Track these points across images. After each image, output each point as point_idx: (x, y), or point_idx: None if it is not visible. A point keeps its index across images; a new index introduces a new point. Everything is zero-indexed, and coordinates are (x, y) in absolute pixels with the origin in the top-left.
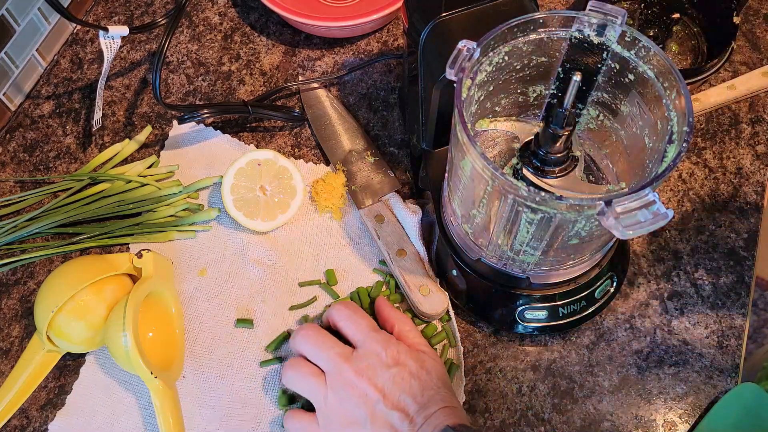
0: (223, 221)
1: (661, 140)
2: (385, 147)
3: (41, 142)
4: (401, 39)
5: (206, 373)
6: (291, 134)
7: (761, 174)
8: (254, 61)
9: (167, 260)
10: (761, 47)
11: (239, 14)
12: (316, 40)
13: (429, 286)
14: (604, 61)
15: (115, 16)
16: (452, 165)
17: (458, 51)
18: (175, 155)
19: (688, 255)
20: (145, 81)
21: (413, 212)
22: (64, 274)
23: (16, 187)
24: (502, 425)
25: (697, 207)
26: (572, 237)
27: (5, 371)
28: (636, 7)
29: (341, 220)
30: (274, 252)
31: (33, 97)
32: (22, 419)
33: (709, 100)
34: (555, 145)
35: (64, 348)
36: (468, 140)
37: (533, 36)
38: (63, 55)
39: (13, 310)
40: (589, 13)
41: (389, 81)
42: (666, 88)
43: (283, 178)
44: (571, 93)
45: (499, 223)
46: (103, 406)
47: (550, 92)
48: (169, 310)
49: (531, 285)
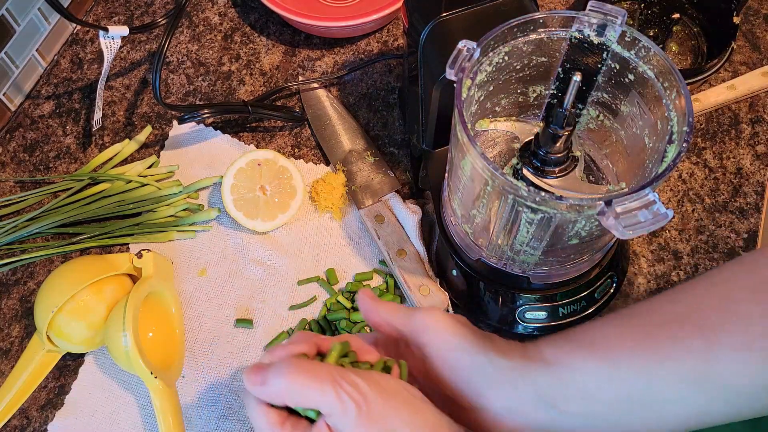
0: (223, 221)
1: (661, 140)
2: (385, 147)
3: (41, 142)
4: (401, 39)
5: (206, 373)
6: (291, 134)
7: (761, 174)
8: (254, 61)
9: (167, 260)
10: (761, 47)
11: (239, 14)
12: (316, 40)
13: (429, 286)
14: (604, 61)
15: (115, 16)
16: (452, 165)
17: (458, 51)
18: (175, 155)
19: (688, 255)
20: (145, 81)
21: (413, 212)
22: (64, 274)
23: (16, 187)
24: None
25: (697, 207)
26: (572, 237)
27: (5, 371)
28: (636, 7)
29: (341, 220)
30: (274, 252)
31: (33, 97)
32: (22, 419)
33: (709, 100)
34: (555, 145)
35: (64, 348)
36: (468, 140)
37: (533, 36)
38: (63, 55)
39: (13, 310)
40: (589, 13)
41: (389, 81)
42: (666, 88)
43: (283, 178)
44: (571, 93)
45: (499, 223)
46: (102, 406)
47: (550, 92)
48: (169, 310)
49: (531, 285)
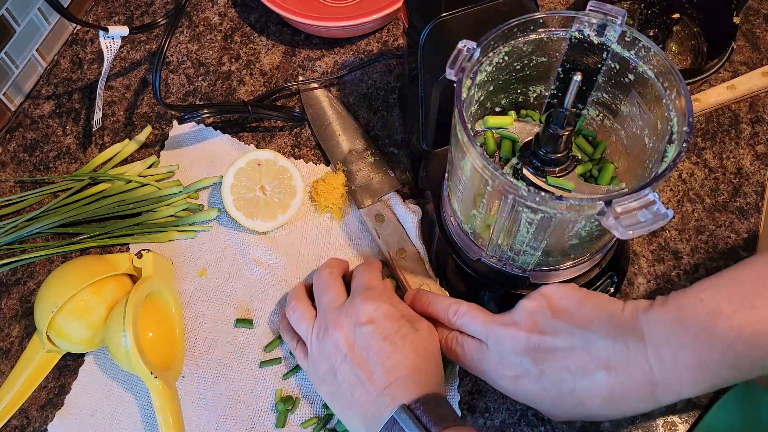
0: (223, 221)
1: (661, 140)
2: (385, 147)
3: (41, 142)
4: (401, 39)
5: (206, 373)
6: (291, 134)
7: (761, 174)
8: (254, 61)
9: (167, 260)
10: (761, 47)
11: (239, 14)
12: (316, 40)
13: (429, 286)
14: (604, 61)
15: (115, 16)
16: (452, 165)
17: (458, 51)
18: (175, 155)
19: (688, 255)
20: (145, 81)
21: (413, 212)
22: (64, 274)
23: (16, 187)
24: (502, 425)
25: (697, 207)
26: (572, 237)
27: (5, 371)
28: (636, 7)
29: (341, 220)
30: (274, 252)
31: (33, 97)
32: (22, 419)
33: (709, 100)
34: (555, 145)
35: (64, 348)
36: (468, 140)
37: (533, 36)
38: (63, 55)
39: (13, 310)
40: (589, 13)
41: (389, 81)
42: (666, 88)
43: (283, 178)
44: (571, 93)
45: (499, 223)
46: (102, 405)
47: (550, 92)
48: (169, 310)
49: (531, 285)
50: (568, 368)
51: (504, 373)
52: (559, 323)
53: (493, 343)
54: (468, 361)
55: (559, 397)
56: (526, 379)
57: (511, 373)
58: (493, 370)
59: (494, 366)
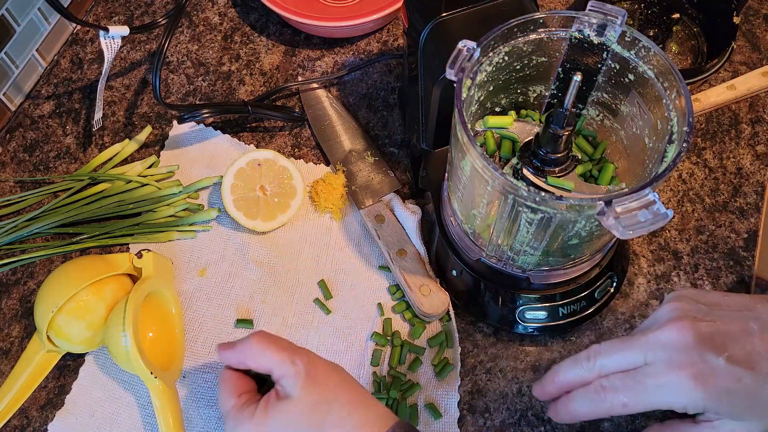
0: (223, 221)
1: (661, 140)
2: (385, 147)
3: (41, 142)
4: (401, 39)
5: (206, 373)
6: (291, 134)
7: (761, 174)
8: (254, 61)
9: (167, 260)
10: (761, 47)
11: (239, 14)
12: (316, 40)
13: (429, 286)
14: (604, 61)
15: (115, 16)
16: (452, 165)
17: (458, 51)
18: (175, 155)
19: (688, 255)
20: (145, 81)
21: (413, 212)
22: (64, 274)
23: (16, 187)
24: (502, 425)
25: (697, 207)
26: (572, 237)
27: (5, 371)
28: (636, 7)
29: (341, 221)
30: (274, 252)
31: (33, 97)
32: (22, 419)
33: (709, 100)
34: (555, 145)
35: (64, 348)
36: (468, 140)
37: (533, 36)
38: (63, 55)
39: (13, 310)
40: (589, 13)
41: (389, 81)
42: (666, 88)
43: (283, 179)
44: (571, 93)
45: (499, 223)
46: (102, 406)
47: (550, 92)
48: (169, 310)
49: (531, 285)
50: (756, 350)
51: (682, 375)
52: (715, 311)
53: (654, 349)
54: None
55: (757, 386)
56: (712, 374)
57: (692, 370)
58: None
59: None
